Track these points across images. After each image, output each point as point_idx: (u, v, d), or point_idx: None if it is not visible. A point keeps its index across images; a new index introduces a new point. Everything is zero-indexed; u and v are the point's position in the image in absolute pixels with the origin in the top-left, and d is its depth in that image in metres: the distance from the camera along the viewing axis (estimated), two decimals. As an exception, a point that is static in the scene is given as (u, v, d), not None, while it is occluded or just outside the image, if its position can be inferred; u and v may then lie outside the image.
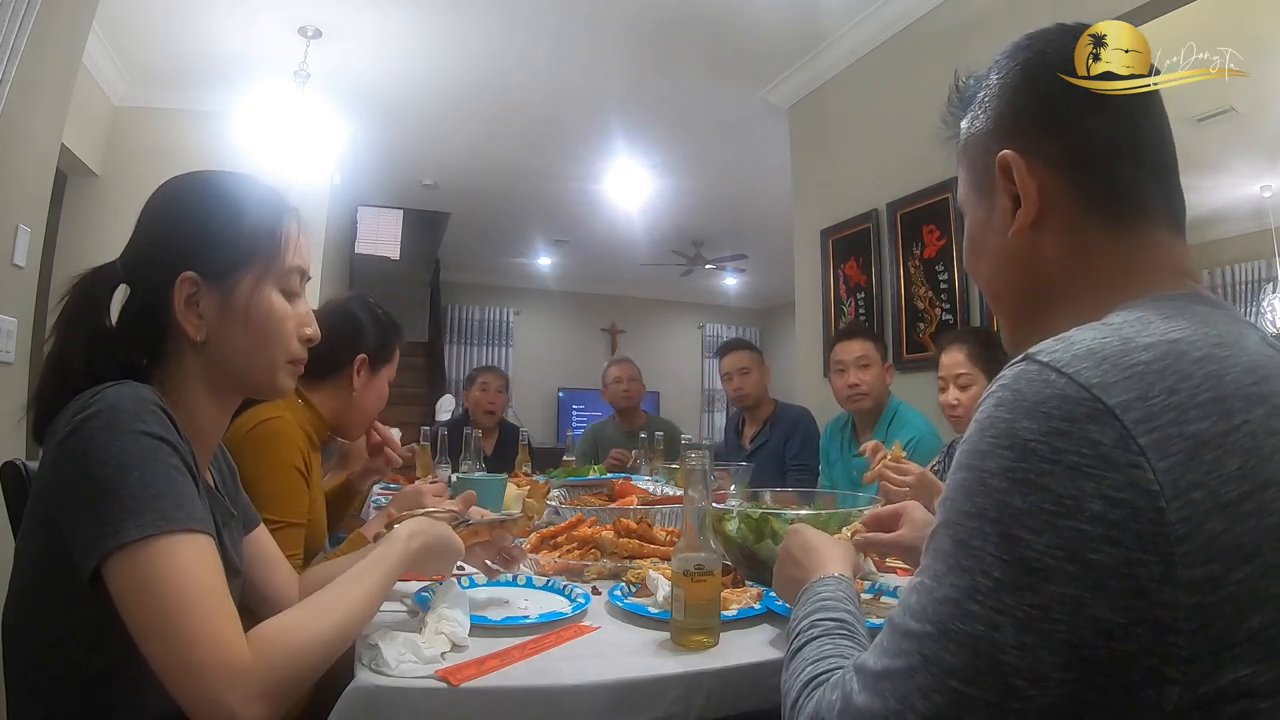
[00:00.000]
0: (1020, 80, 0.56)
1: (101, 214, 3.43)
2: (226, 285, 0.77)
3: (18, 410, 0.76)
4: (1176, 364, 0.41)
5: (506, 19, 3.12)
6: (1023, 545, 0.39)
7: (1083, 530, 0.38)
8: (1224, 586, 0.37)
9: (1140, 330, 0.44)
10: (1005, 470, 0.41)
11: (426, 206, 6.01)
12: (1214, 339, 0.43)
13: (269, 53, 3.25)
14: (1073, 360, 0.42)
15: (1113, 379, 0.40)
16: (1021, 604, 0.39)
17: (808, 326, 3.47)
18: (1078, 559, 0.38)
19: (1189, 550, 0.37)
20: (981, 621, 0.40)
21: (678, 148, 4.46)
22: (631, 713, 0.73)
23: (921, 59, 2.82)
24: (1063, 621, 0.38)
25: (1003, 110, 0.57)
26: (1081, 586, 0.38)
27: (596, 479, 1.94)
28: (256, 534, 0.95)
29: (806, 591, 0.71)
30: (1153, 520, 0.37)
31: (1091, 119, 0.53)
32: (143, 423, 0.64)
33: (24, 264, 1.83)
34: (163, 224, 0.78)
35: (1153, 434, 0.38)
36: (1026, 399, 0.41)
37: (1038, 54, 0.56)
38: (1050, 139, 0.54)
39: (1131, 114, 0.53)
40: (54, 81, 1.91)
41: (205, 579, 0.61)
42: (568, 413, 8.46)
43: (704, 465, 0.89)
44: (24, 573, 0.68)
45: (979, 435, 0.43)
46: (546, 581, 1.08)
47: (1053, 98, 0.54)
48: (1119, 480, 0.38)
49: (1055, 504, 0.39)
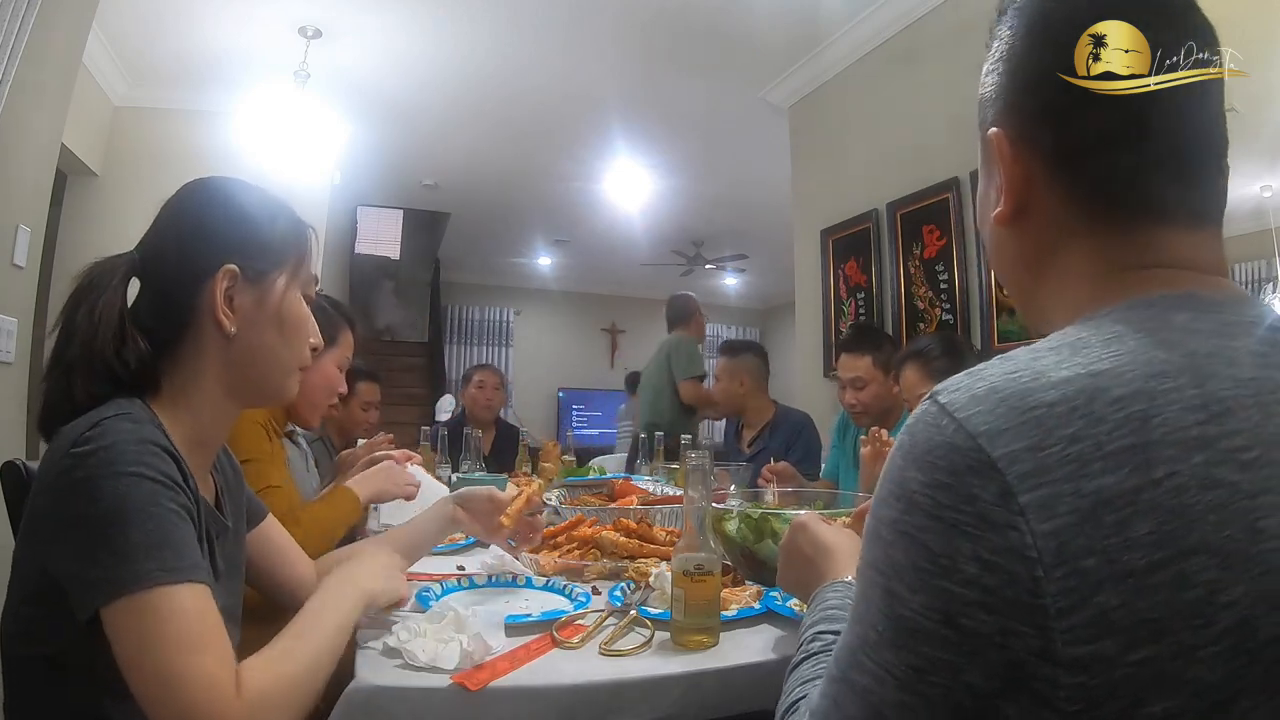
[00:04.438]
0: (1021, 44, 0.49)
1: (101, 214, 3.42)
2: (264, 283, 0.79)
3: (18, 410, 0.75)
4: (1088, 405, 0.35)
5: (507, 19, 3.12)
6: (902, 603, 0.37)
7: (956, 593, 0.35)
8: (1118, 668, 0.32)
9: (1063, 360, 0.38)
10: (893, 522, 0.38)
11: (426, 206, 6.01)
12: (1156, 368, 0.37)
13: (269, 53, 3.25)
14: (969, 402, 0.37)
15: (1004, 425, 0.36)
16: (900, 663, 0.37)
17: (808, 326, 3.47)
18: (951, 623, 0.35)
19: (1072, 625, 0.33)
20: (870, 675, 0.38)
21: (678, 148, 4.46)
22: (631, 713, 0.73)
23: (921, 59, 2.82)
24: (940, 685, 0.35)
25: (1004, 79, 0.51)
26: (956, 652, 0.35)
27: (597, 479, 1.94)
28: (266, 527, 0.95)
29: (817, 597, 0.68)
30: (1028, 590, 0.33)
31: (1086, 113, 0.46)
32: (143, 465, 0.63)
33: (24, 264, 1.83)
34: (202, 218, 0.78)
35: (1039, 490, 0.34)
36: (919, 446, 0.38)
37: (1039, 13, 0.49)
38: (1044, 126, 0.48)
39: (1147, 100, 0.45)
40: (54, 81, 1.91)
41: (203, 629, 0.62)
42: (568, 413, 8.46)
43: (704, 465, 0.89)
44: (21, 585, 0.67)
45: (881, 482, 0.41)
46: (546, 581, 1.08)
47: (1044, 78, 0.47)
48: (995, 543, 0.34)
49: (931, 562, 0.36)
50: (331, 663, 0.71)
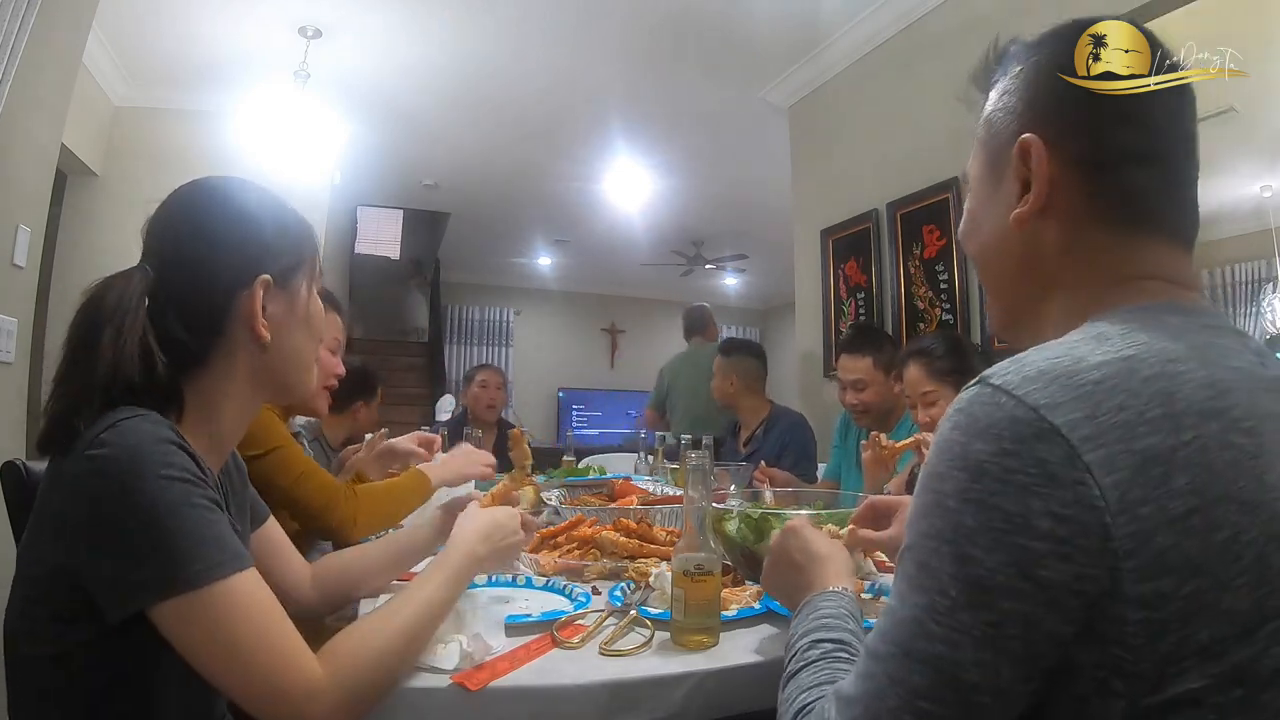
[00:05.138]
0: (1062, 70, 0.55)
1: (101, 214, 3.42)
2: (291, 287, 0.80)
3: (18, 410, 0.75)
4: (1126, 381, 0.41)
5: (507, 19, 3.12)
6: (976, 564, 0.40)
7: (1032, 547, 0.39)
8: (1173, 602, 0.38)
9: (1095, 348, 0.44)
10: (959, 491, 0.42)
11: (426, 206, 6.01)
12: (1170, 355, 0.44)
13: (269, 53, 3.25)
14: (1023, 382, 0.42)
15: (1061, 399, 0.41)
16: (978, 622, 0.40)
17: (808, 326, 3.47)
18: (1028, 575, 0.39)
19: (1137, 565, 0.38)
20: (942, 641, 0.41)
21: (678, 148, 4.46)
22: (631, 713, 0.73)
23: (921, 59, 2.82)
24: (1018, 637, 0.39)
25: (1036, 94, 0.56)
26: (1034, 602, 0.39)
27: (597, 479, 1.94)
28: (267, 528, 0.95)
29: (808, 605, 0.68)
30: (1099, 536, 0.38)
31: (1121, 127, 0.53)
32: (168, 465, 0.63)
33: (24, 264, 1.83)
34: (228, 228, 0.77)
35: (1099, 450, 0.39)
36: (979, 421, 0.42)
37: (1093, 51, 0.54)
38: (1076, 136, 0.53)
39: (1162, 129, 0.53)
40: (54, 81, 1.91)
41: (266, 610, 0.64)
42: (568, 413, 8.46)
43: (704, 465, 0.89)
44: (29, 585, 0.67)
45: (937, 458, 0.44)
46: (546, 581, 1.08)
47: (1088, 97, 0.53)
48: (1066, 497, 0.39)
49: (1005, 522, 0.39)
50: (426, 636, 0.74)
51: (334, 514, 1.22)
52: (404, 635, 0.71)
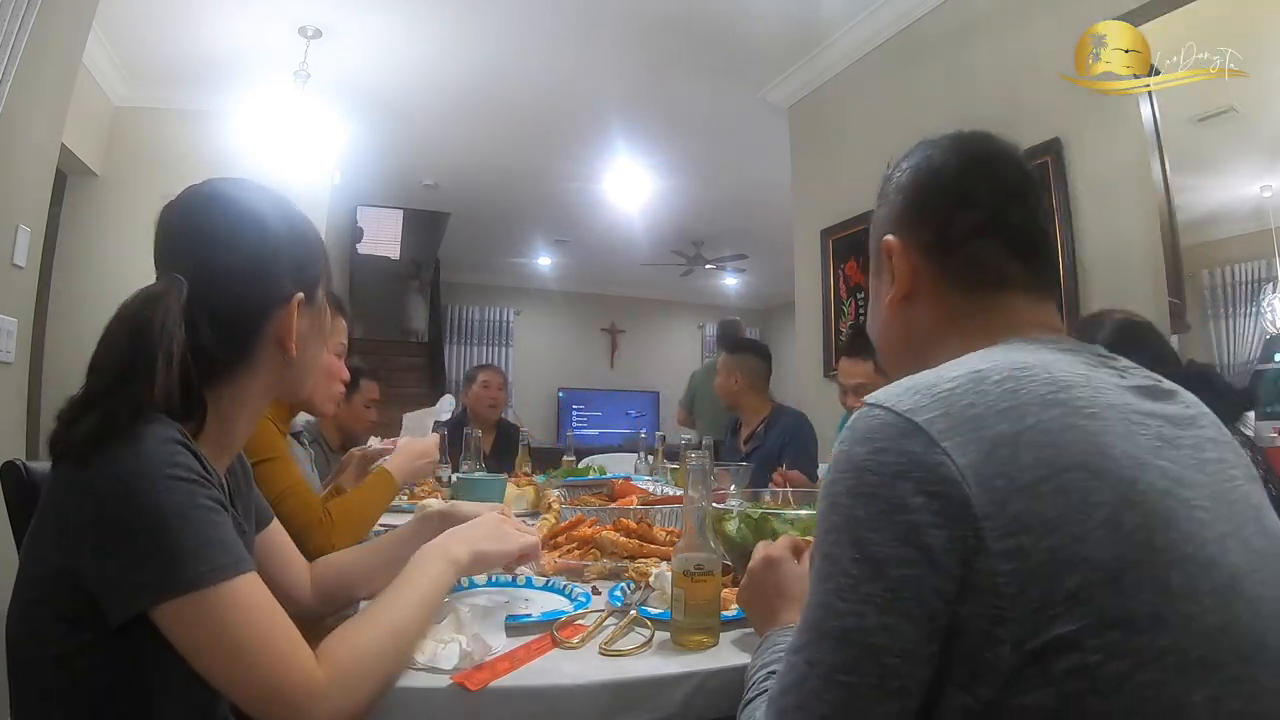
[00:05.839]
0: (908, 179, 0.69)
1: (101, 214, 3.42)
2: (317, 303, 0.81)
3: (18, 410, 0.74)
4: (977, 386, 0.50)
5: (507, 19, 3.12)
6: (870, 544, 0.47)
7: (911, 520, 0.46)
8: (1035, 554, 0.44)
9: (952, 369, 0.53)
10: (848, 490, 0.50)
11: (426, 206, 6.01)
12: (1018, 364, 0.53)
13: (269, 53, 3.25)
14: (890, 397, 0.51)
15: (922, 404, 0.50)
16: (878, 590, 0.46)
17: (808, 326, 3.48)
18: (913, 544, 0.46)
19: (995, 526, 0.45)
20: (850, 614, 0.47)
21: (678, 148, 4.46)
22: (631, 713, 0.73)
23: (921, 59, 2.83)
24: (912, 598, 0.46)
25: (894, 202, 0.70)
26: (920, 566, 0.46)
27: (597, 479, 1.94)
28: (271, 530, 0.95)
29: (769, 639, 0.71)
30: (962, 504, 0.46)
31: (959, 213, 0.65)
32: (175, 465, 0.63)
33: (24, 264, 1.83)
34: (261, 240, 0.76)
35: (954, 439, 0.47)
36: (859, 432, 0.51)
37: (924, 159, 0.69)
38: (924, 228, 0.66)
39: (1000, 206, 0.64)
40: (54, 81, 1.91)
41: (268, 612, 0.64)
42: (568, 413, 8.46)
43: (704, 465, 0.89)
44: (32, 586, 0.66)
45: (831, 469, 0.52)
46: (546, 581, 1.08)
47: (930, 195, 0.67)
48: (931, 477, 0.47)
49: (887, 504, 0.47)
50: (416, 633, 0.74)
51: (310, 539, 1.22)
52: (400, 633, 0.71)
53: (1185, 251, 2.40)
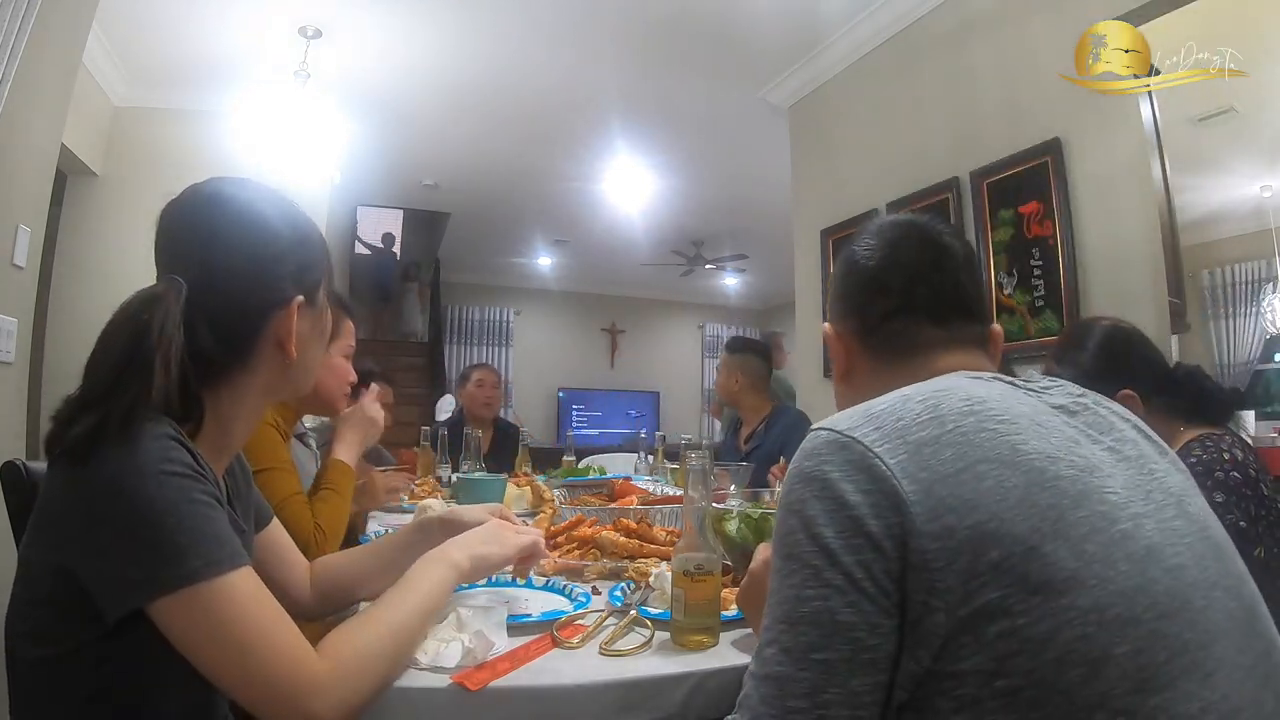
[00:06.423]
0: (839, 272, 0.82)
1: (101, 214, 3.42)
2: (317, 305, 0.81)
3: (18, 410, 0.74)
4: (903, 405, 0.59)
5: (507, 19, 3.12)
6: (824, 537, 0.54)
7: (854, 515, 0.54)
8: (959, 532, 0.51)
9: (883, 398, 0.62)
10: (800, 498, 0.57)
11: (426, 206, 6.01)
12: (939, 388, 0.61)
13: (269, 53, 3.25)
14: (831, 420, 0.61)
15: (856, 423, 0.58)
16: (838, 575, 0.53)
17: (808, 326, 3.48)
18: (859, 532, 0.53)
19: (923, 510, 0.52)
20: (817, 598, 0.53)
21: (678, 148, 4.46)
22: (631, 713, 0.73)
23: (921, 59, 2.83)
24: (867, 578, 0.52)
25: (830, 293, 0.82)
26: (867, 551, 0.53)
27: (597, 479, 1.94)
28: (271, 530, 0.95)
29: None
30: (894, 495, 0.53)
31: (875, 300, 0.76)
32: (169, 460, 0.63)
33: (24, 264, 1.83)
34: (262, 240, 0.76)
35: (884, 445, 0.56)
36: (806, 450, 0.59)
37: (850, 252, 0.80)
38: (850, 316, 0.79)
39: (908, 287, 0.75)
40: (54, 81, 1.91)
41: (266, 607, 0.64)
42: (568, 413, 8.46)
43: (704, 465, 0.89)
44: (31, 586, 0.66)
45: (785, 483, 0.60)
46: (547, 581, 1.08)
47: (851, 286, 0.80)
48: (866, 477, 0.55)
49: (833, 503, 0.55)
50: (416, 634, 0.74)
51: (303, 553, 1.23)
52: (400, 634, 0.71)
53: (1185, 251, 2.40)
